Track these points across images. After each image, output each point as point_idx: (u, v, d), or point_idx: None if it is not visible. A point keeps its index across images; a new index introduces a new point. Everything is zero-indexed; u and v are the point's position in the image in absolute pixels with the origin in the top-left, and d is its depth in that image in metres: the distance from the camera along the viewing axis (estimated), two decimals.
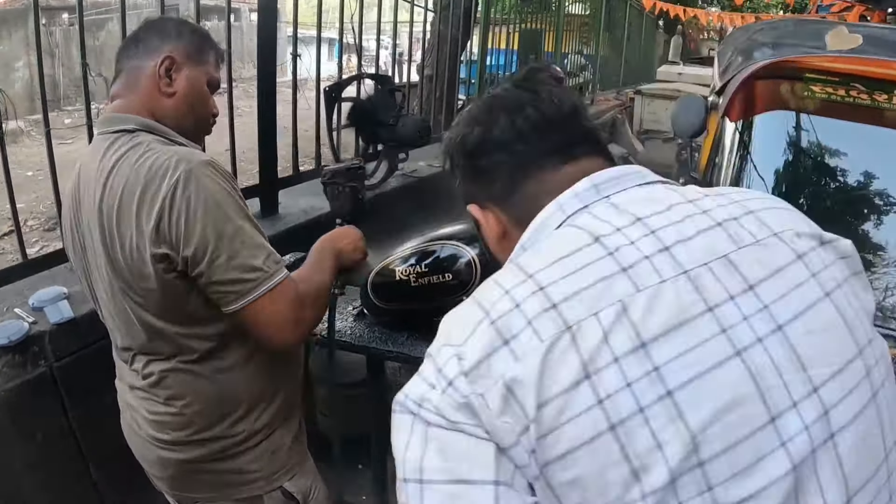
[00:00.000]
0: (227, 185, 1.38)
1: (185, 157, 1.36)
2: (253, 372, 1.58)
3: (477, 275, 1.95)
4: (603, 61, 10.74)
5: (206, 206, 1.33)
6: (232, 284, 1.36)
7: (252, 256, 1.37)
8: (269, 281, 1.38)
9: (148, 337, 1.48)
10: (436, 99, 5.15)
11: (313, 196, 3.64)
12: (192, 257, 1.34)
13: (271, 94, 3.19)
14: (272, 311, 1.40)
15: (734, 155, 2.55)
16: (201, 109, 1.58)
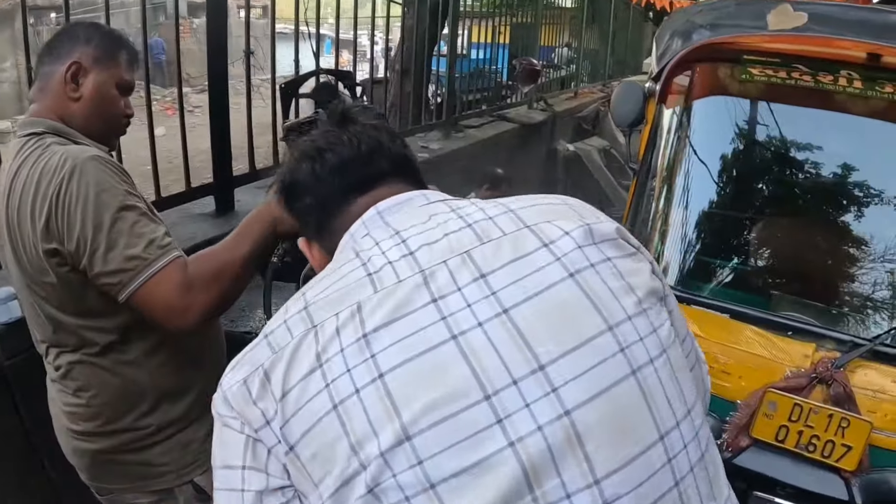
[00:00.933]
0: (113, 177, 1.40)
1: (74, 154, 1.40)
2: (159, 365, 1.59)
3: None
4: (590, 54, 10.68)
5: (86, 200, 1.36)
6: (114, 275, 1.38)
7: (129, 245, 1.37)
8: (149, 268, 1.38)
9: (53, 329, 1.53)
10: (405, 94, 5.13)
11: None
12: (75, 251, 1.38)
13: (222, 91, 3.18)
14: (157, 297, 1.39)
15: (671, 144, 2.53)
16: (109, 112, 1.61)
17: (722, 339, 2.03)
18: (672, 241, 2.37)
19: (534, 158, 7.53)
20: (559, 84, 9.72)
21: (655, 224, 2.43)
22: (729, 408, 1.96)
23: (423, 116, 5.37)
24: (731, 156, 2.49)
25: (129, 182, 1.46)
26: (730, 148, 2.50)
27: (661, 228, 2.41)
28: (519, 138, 6.91)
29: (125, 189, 1.43)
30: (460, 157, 5.54)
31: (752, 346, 2.00)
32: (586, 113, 9.47)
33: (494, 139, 6.32)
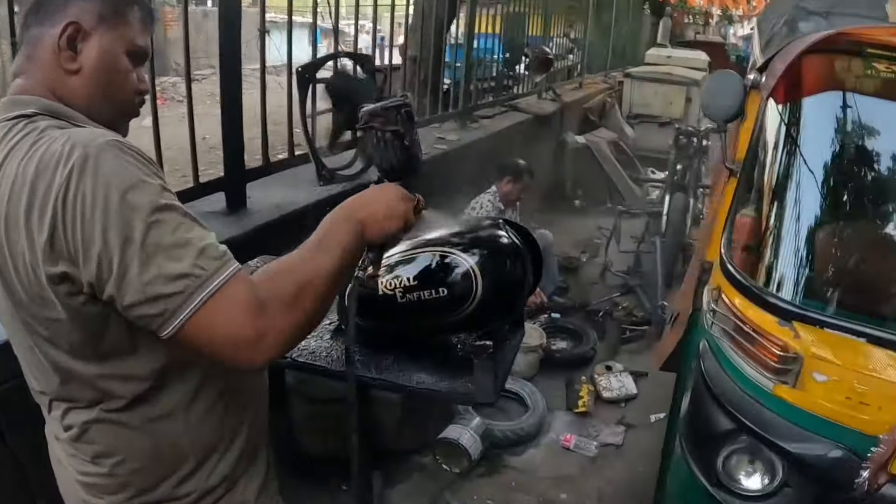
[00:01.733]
0: (140, 169, 1.07)
1: (82, 140, 1.05)
2: (201, 416, 1.26)
3: (477, 288, 1.60)
4: (589, 44, 10.39)
5: (107, 202, 1.02)
6: (155, 303, 1.03)
7: (173, 258, 1.04)
8: (205, 288, 1.04)
9: (61, 380, 1.19)
10: (419, 82, 4.79)
11: (288, 188, 3.30)
12: (97, 275, 1.03)
13: (234, 76, 2.82)
14: (219, 326, 1.05)
15: (780, 143, 2.21)
16: (119, 88, 1.25)
17: (858, 366, 1.73)
18: (793, 257, 2.06)
19: (544, 150, 7.25)
20: (564, 74, 9.39)
21: (769, 236, 2.12)
22: (868, 442, 1.66)
23: (440, 106, 5.03)
24: (862, 161, 2.17)
25: (160, 174, 1.12)
26: (860, 152, 2.17)
27: (778, 241, 2.10)
28: (531, 129, 6.62)
29: (159, 184, 1.09)
30: (477, 149, 5.25)
31: (892, 373, 1.70)
32: (593, 104, 9.19)
33: (509, 130, 6.04)
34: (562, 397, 4.08)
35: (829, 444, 1.70)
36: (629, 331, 4.89)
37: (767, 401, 1.80)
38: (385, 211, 1.30)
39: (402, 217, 1.32)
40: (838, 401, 1.71)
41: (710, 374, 1.94)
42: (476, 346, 1.64)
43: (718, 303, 1.97)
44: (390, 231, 1.31)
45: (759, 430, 1.79)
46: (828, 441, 1.71)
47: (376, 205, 1.30)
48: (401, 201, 1.33)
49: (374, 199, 1.32)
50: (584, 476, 3.44)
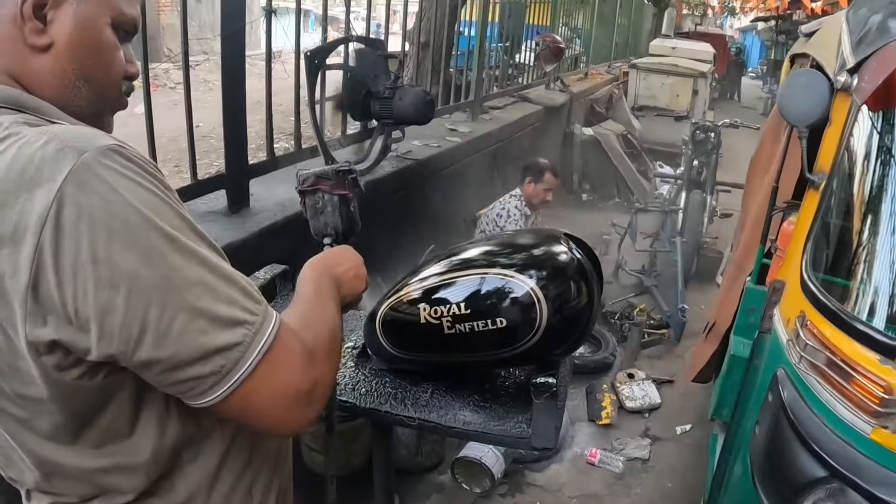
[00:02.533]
0: (156, 184, 0.83)
1: (71, 141, 0.78)
2: (225, 498, 1.03)
3: (541, 317, 1.34)
4: (593, 34, 10.13)
5: (127, 233, 0.77)
6: (208, 361, 0.81)
7: (224, 301, 0.83)
8: (262, 335, 0.85)
9: (42, 474, 0.93)
10: (423, 70, 4.52)
11: (292, 185, 3.02)
12: (120, 338, 0.78)
13: (238, 61, 2.55)
14: (277, 386, 0.87)
15: (876, 155, 1.94)
16: (102, 70, 0.96)
17: None
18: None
19: (553, 142, 7.03)
20: (569, 65, 9.12)
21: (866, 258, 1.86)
22: None
23: (452, 96, 4.76)
24: None
25: (167, 185, 0.87)
26: None
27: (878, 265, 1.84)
28: (542, 121, 6.38)
29: (176, 201, 0.86)
30: (490, 141, 5.00)
31: None
32: (599, 95, 8.94)
33: (521, 122, 5.78)
34: (582, 407, 3.85)
35: None
36: (647, 335, 4.65)
37: (863, 446, 1.55)
38: (353, 271, 1.25)
39: (364, 279, 1.28)
40: None
41: (793, 409, 1.69)
42: (537, 384, 1.39)
43: (804, 331, 1.71)
44: (358, 291, 1.26)
45: (853, 477, 1.54)
46: None
47: (345, 265, 1.24)
48: (360, 265, 1.29)
49: (343, 258, 1.27)
50: (612, 495, 3.22)
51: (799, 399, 1.70)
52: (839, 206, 2.00)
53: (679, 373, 4.23)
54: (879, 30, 1.92)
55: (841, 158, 1.98)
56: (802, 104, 1.98)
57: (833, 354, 1.62)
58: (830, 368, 1.62)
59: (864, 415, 1.55)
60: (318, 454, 2.96)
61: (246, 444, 1.05)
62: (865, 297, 1.80)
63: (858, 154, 1.99)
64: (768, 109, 15.12)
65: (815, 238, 1.93)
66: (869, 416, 1.54)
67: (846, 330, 1.63)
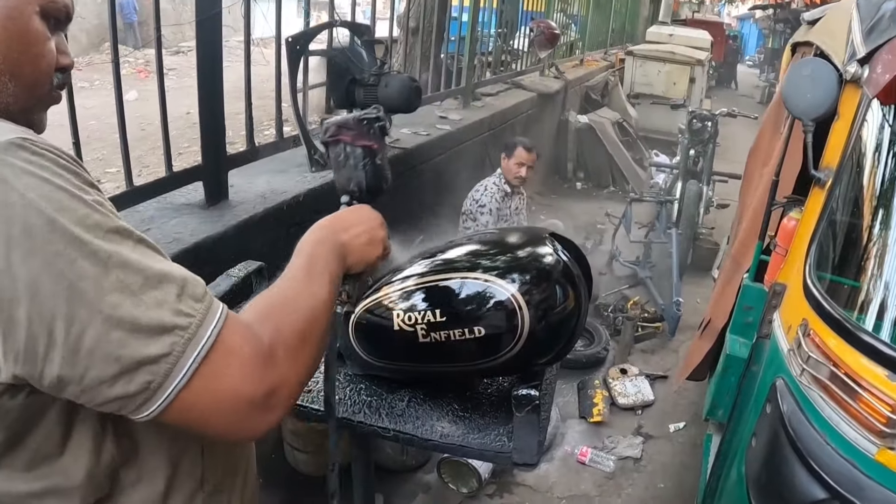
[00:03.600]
0: (64, 177, 0.74)
1: None
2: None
3: (523, 326, 1.24)
4: (588, 20, 9.99)
5: (29, 238, 0.69)
6: (132, 376, 0.73)
7: (147, 306, 0.74)
8: (198, 341, 0.76)
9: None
10: (412, 56, 4.40)
11: (275, 175, 2.94)
12: (27, 355, 0.71)
13: (214, 46, 2.44)
14: (221, 388, 0.78)
15: (888, 151, 1.83)
16: (31, 64, 0.87)
17: None
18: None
19: (547, 129, 6.93)
20: (564, 51, 8.99)
21: (876, 265, 1.76)
22: None
23: (442, 83, 4.64)
24: None
25: (91, 181, 0.79)
26: None
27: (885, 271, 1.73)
28: (536, 108, 6.26)
29: (95, 197, 0.76)
30: (482, 129, 4.89)
31: None
32: (595, 82, 8.82)
33: (514, 109, 5.67)
34: (574, 403, 3.77)
35: None
36: (641, 328, 4.57)
37: (867, 467, 1.45)
38: (367, 235, 1.16)
39: (382, 243, 1.19)
40: None
41: (793, 424, 1.59)
42: (518, 396, 1.29)
43: (806, 341, 1.61)
44: (371, 259, 1.17)
45: (855, 500, 1.44)
46: None
47: (357, 228, 1.15)
48: (379, 226, 1.20)
49: (354, 221, 1.17)
50: (603, 495, 3.14)
51: (799, 413, 1.60)
52: (847, 206, 1.90)
53: (673, 368, 4.15)
54: (893, 17, 1.81)
55: (850, 155, 1.86)
56: (808, 96, 1.87)
57: (837, 368, 1.51)
58: (834, 383, 1.52)
59: (870, 434, 1.45)
60: (302, 453, 2.88)
61: (198, 463, 0.97)
62: (874, 306, 1.69)
63: (869, 150, 1.88)
64: (765, 98, 15.03)
65: (819, 240, 1.82)
66: (874, 436, 1.44)
67: (852, 342, 1.52)
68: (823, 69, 1.90)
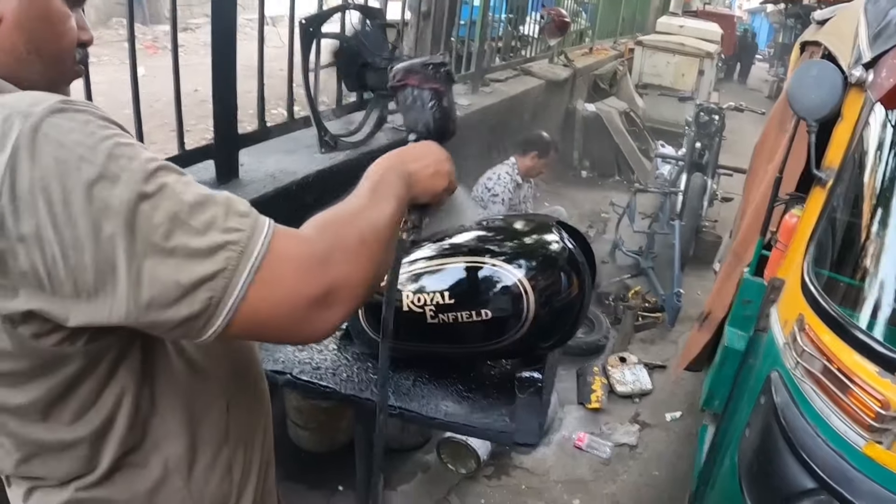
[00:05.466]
0: (108, 127, 0.79)
1: (17, 107, 0.76)
2: (204, 473, 1.03)
3: (528, 310, 1.28)
4: (599, 9, 9.96)
5: (84, 185, 0.74)
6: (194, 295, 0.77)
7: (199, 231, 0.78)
8: (251, 252, 0.79)
9: (24, 454, 0.93)
10: (424, 40, 4.41)
11: (286, 155, 2.97)
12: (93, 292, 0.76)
13: (229, 24, 2.46)
14: (280, 293, 0.81)
15: (889, 155, 1.86)
16: (54, 41, 0.92)
17: None
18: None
19: (554, 117, 6.93)
20: (573, 39, 8.96)
21: (872, 263, 1.79)
22: None
23: (452, 67, 4.65)
24: None
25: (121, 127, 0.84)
26: None
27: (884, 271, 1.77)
28: (544, 95, 6.27)
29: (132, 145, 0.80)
30: (491, 115, 4.91)
31: None
32: (603, 71, 8.80)
33: (522, 96, 5.67)
34: (573, 390, 3.82)
35: None
36: (641, 317, 4.61)
37: (854, 458, 1.49)
38: (434, 167, 1.15)
39: (448, 177, 1.19)
40: None
41: (785, 415, 1.63)
42: (522, 378, 1.34)
43: (802, 335, 1.65)
44: (437, 190, 1.17)
45: (842, 491, 1.49)
46: None
47: (425, 160, 1.15)
48: (445, 161, 1.19)
49: (423, 153, 1.17)
50: (598, 480, 3.19)
51: (792, 405, 1.64)
52: (847, 206, 1.93)
53: (672, 359, 4.19)
54: None
55: (851, 156, 1.90)
56: (813, 97, 1.90)
57: (830, 363, 1.56)
58: (827, 377, 1.56)
59: (859, 428, 1.49)
60: (304, 430, 2.93)
61: (223, 417, 1.05)
62: (868, 304, 1.73)
63: (870, 153, 1.91)
64: (773, 92, 14.98)
65: (819, 238, 1.85)
66: (863, 430, 1.48)
67: (846, 338, 1.56)
68: (829, 71, 1.93)
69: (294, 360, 1.59)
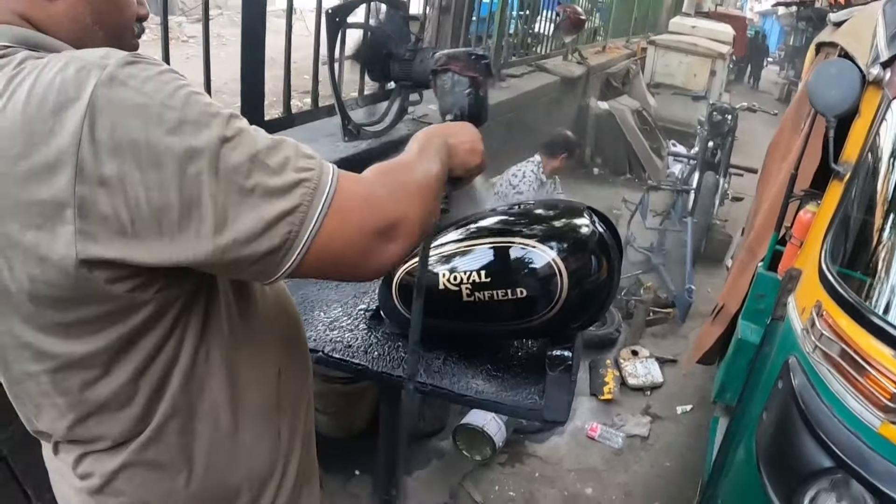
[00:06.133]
0: (177, 79, 0.82)
1: (91, 59, 0.78)
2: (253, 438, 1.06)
3: (561, 290, 1.33)
4: (612, 7, 9.97)
5: (168, 129, 0.76)
6: (274, 230, 0.82)
7: (276, 170, 0.82)
8: (323, 189, 0.84)
9: (77, 417, 0.94)
10: (443, 34, 4.46)
11: (308, 142, 2.99)
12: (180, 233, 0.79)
13: (258, 14, 2.51)
14: (350, 227, 0.87)
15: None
16: (116, 13, 0.97)
17: None
18: None
19: (567, 114, 6.97)
20: (587, 37, 8.99)
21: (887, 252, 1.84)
22: None
23: None
24: None
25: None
26: None
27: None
28: (558, 92, 6.31)
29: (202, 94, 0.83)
30: (506, 110, 4.96)
31: None
32: (616, 70, 8.84)
33: (538, 92, 5.72)
34: (585, 381, 3.86)
35: None
36: (652, 312, 4.65)
37: (871, 439, 1.55)
38: (471, 144, 1.19)
39: (481, 155, 1.23)
40: None
41: (803, 398, 1.68)
42: (552, 356, 1.39)
43: (819, 321, 1.70)
44: (472, 165, 1.21)
45: (858, 469, 1.54)
46: None
47: (464, 136, 1.20)
48: (479, 140, 1.23)
49: (462, 130, 1.22)
50: (610, 470, 3.24)
51: (810, 388, 1.69)
52: (863, 198, 1.98)
53: (683, 353, 4.24)
54: None
55: (868, 151, 1.95)
56: (832, 94, 1.96)
57: (847, 346, 1.61)
58: (844, 360, 1.61)
59: (875, 409, 1.54)
60: (323, 415, 2.97)
61: (274, 387, 1.09)
62: (884, 291, 1.78)
63: (885, 148, 1.96)
64: (784, 95, 14.97)
65: (835, 228, 1.91)
66: (879, 411, 1.53)
67: (862, 323, 1.62)
68: (848, 69, 1.99)
69: (325, 338, 1.64)
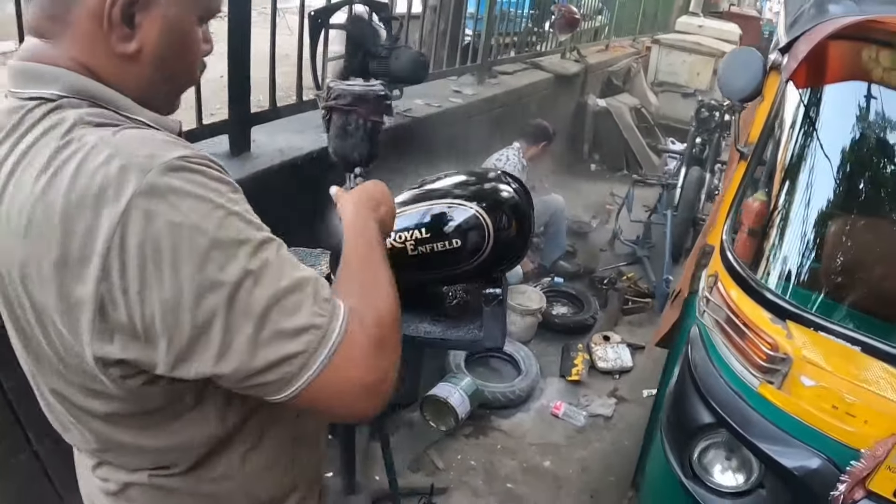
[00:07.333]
0: (220, 193, 0.82)
1: (134, 159, 0.77)
2: (262, 469, 1.08)
3: (489, 238, 1.57)
4: (620, 6, 10.10)
5: (191, 253, 0.77)
6: (272, 370, 0.83)
7: (289, 311, 0.83)
8: (329, 338, 0.85)
9: (102, 447, 1.00)
10: (439, 33, 4.67)
11: (293, 134, 3.25)
12: (183, 352, 0.81)
13: (245, 10, 2.74)
14: (346, 377, 0.87)
15: (796, 129, 2.12)
16: (187, 67, 0.95)
17: (850, 376, 1.66)
18: (797, 251, 1.99)
19: (563, 111, 7.12)
20: (590, 35, 9.14)
21: (774, 226, 2.04)
22: (850, 455, 1.61)
23: (458, 58, 4.91)
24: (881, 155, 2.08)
25: (235, 185, 0.87)
26: (880, 146, 2.08)
27: (783, 233, 2.02)
28: (552, 89, 6.48)
29: (245, 208, 0.86)
30: (494, 105, 5.15)
31: (884, 387, 1.63)
32: (618, 68, 8.98)
33: (529, 88, 5.90)
34: (556, 363, 4.07)
35: (809, 452, 1.64)
36: (631, 302, 4.85)
37: (751, 398, 1.75)
38: (386, 208, 1.22)
39: (394, 213, 1.27)
40: (824, 409, 1.64)
41: (696, 362, 1.89)
42: (487, 294, 1.64)
43: (713, 291, 1.91)
44: (391, 228, 1.26)
45: (738, 428, 1.74)
46: (808, 448, 1.65)
47: (385, 204, 1.23)
48: (391, 198, 1.27)
49: (379, 197, 1.23)
50: (570, 445, 3.44)
51: (704, 353, 1.90)
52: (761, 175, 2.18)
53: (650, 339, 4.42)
54: (811, 12, 2.09)
55: (766, 132, 2.15)
56: (738, 79, 2.16)
57: (733, 313, 1.81)
58: (729, 325, 1.82)
59: (753, 370, 1.75)
60: None
61: (282, 426, 1.09)
62: (768, 262, 1.98)
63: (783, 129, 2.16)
64: None
65: (736, 206, 2.11)
66: (757, 371, 1.74)
67: (747, 291, 1.83)
68: (752, 56, 2.18)
69: None
